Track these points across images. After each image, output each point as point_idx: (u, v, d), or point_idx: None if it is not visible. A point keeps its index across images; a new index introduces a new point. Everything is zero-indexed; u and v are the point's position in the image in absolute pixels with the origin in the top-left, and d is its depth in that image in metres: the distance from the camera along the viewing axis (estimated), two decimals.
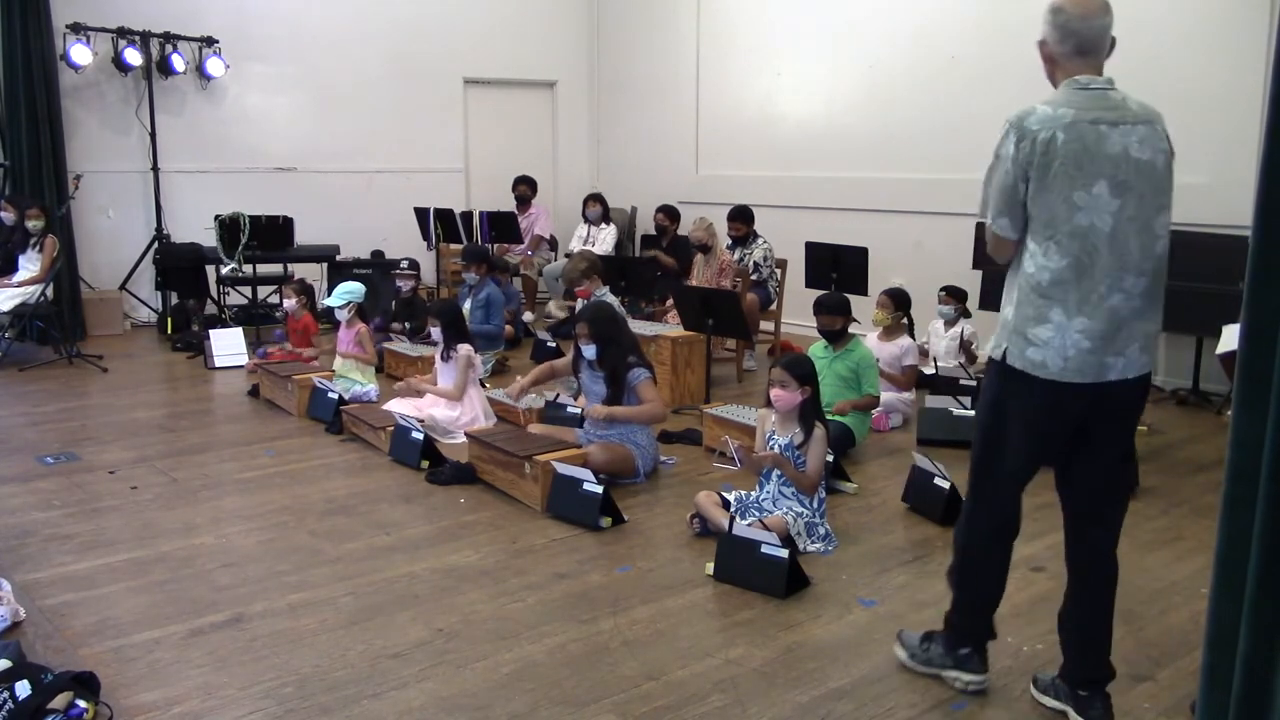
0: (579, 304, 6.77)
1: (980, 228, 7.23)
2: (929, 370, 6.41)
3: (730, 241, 7.87)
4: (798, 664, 3.12)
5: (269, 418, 6.21)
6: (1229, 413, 2.08)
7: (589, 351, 4.92)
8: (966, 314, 6.70)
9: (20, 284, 7.64)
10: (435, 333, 5.86)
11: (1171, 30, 6.58)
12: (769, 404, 4.21)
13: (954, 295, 6.64)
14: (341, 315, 6.50)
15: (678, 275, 8.39)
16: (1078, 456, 2.80)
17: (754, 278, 7.70)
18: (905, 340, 6.18)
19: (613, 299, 6.67)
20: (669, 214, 9.22)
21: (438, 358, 5.94)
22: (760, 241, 7.83)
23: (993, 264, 2.92)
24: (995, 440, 2.82)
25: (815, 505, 4.10)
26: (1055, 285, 2.65)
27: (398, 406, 5.74)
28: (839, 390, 5.39)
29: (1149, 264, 2.66)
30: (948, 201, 7.90)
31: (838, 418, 5.20)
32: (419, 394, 5.88)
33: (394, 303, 8.02)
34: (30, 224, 7.72)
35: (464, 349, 5.83)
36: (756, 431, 4.40)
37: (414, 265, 8.00)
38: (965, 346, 6.49)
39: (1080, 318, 2.63)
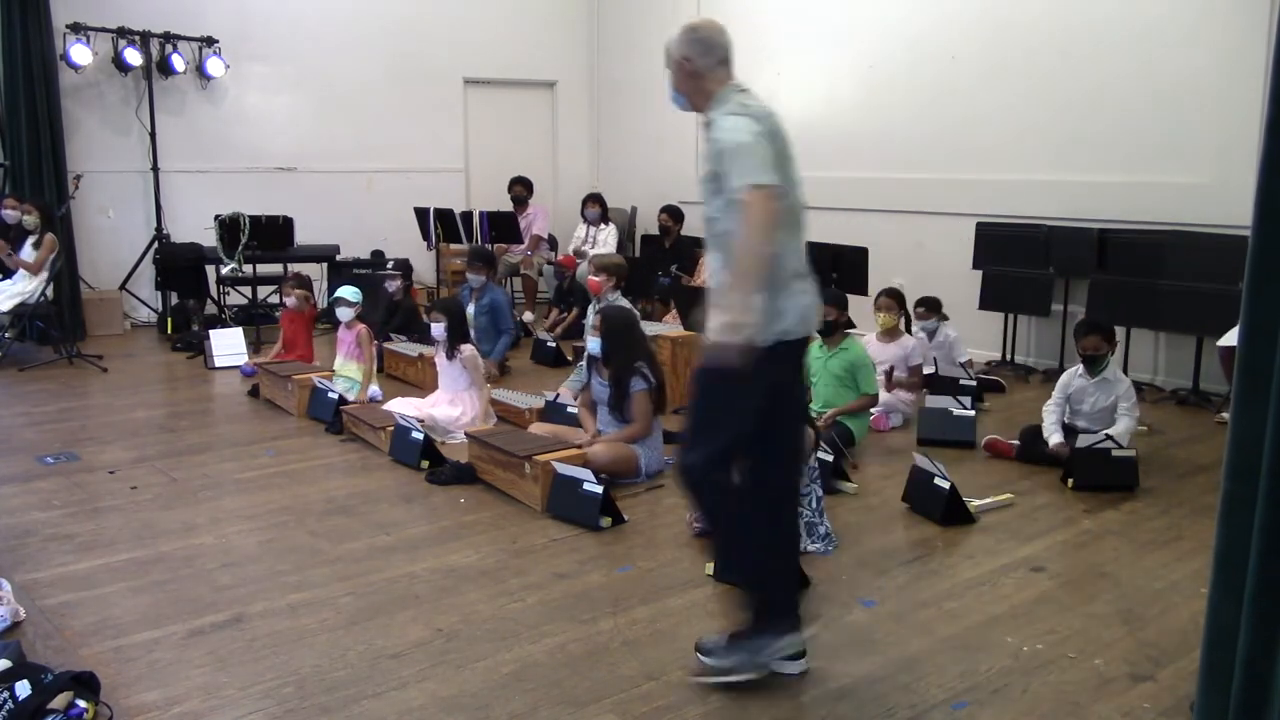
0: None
1: (982, 226, 7.34)
2: (928, 370, 6.41)
3: None
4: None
5: (269, 418, 6.21)
6: (1225, 413, 2.08)
7: (592, 345, 4.94)
8: (944, 318, 6.72)
9: (17, 264, 7.57)
10: (437, 329, 5.82)
11: (1171, 30, 6.55)
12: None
13: (931, 308, 6.63)
14: (343, 315, 6.49)
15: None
16: None
17: None
18: (909, 340, 6.17)
19: (627, 304, 6.61)
20: (672, 214, 9.21)
21: (441, 357, 5.91)
22: None
23: (994, 264, 2.98)
24: None
25: (814, 505, 4.10)
26: None
27: (398, 406, 5.74)
28: (835, 390, 5.38)
29: None
30: (948, 201, 7.90)
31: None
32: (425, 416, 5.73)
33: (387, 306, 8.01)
34: (25, 219, 7.70)
35: (468, 349, 5.82)
36: None
37: (399, 266, 7.95)
38: (962, 365, 6.51)
39: None
